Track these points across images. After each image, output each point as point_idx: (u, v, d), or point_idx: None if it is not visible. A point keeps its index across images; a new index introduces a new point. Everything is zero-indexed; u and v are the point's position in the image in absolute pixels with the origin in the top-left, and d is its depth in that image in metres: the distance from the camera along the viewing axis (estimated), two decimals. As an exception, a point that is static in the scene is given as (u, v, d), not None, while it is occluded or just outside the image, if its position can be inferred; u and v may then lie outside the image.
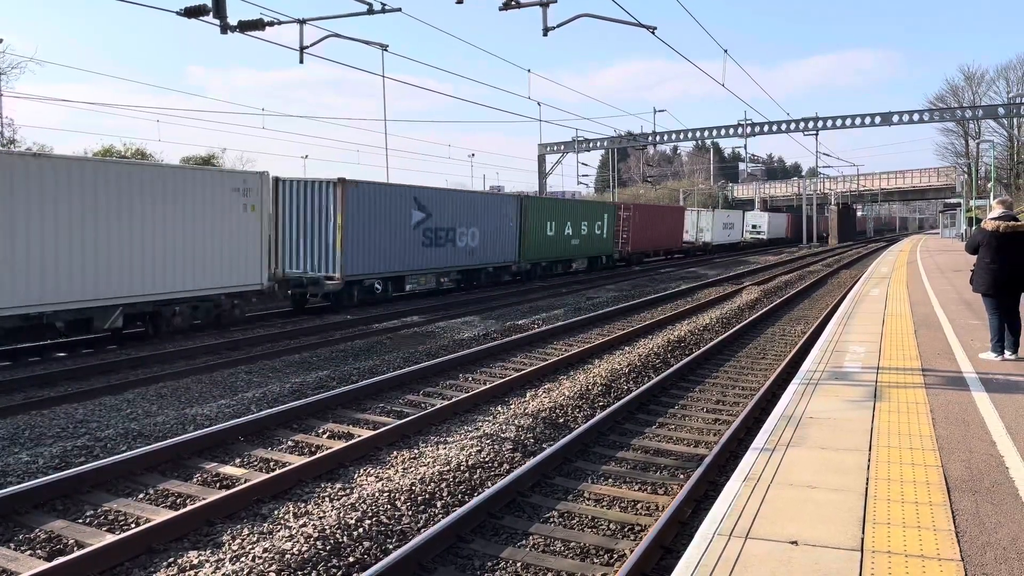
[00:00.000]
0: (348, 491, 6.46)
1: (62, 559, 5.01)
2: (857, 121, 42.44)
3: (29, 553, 5.35)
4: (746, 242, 59.71)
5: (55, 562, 4.97)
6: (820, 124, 42.94)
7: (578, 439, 7.57)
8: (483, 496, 5.97)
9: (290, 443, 7.90)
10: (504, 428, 8.04)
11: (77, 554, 5.05)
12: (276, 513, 6.00)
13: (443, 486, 6.41)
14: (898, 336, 10.75)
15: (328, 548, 5.16)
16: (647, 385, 9.88)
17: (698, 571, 3.76)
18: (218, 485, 6.73)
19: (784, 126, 43.52)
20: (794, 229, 67.96)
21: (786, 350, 13.13)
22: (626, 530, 5.75)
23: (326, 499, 6.30)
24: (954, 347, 9.76)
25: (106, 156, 29.36)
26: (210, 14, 11.67)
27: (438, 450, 7.46)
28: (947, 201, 67.12)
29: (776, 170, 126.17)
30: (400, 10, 13.93)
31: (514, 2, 14.54)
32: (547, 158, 49.68)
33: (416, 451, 7.54)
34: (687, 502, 6.05)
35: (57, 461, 7.08)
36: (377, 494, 6.08)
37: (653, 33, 15.92)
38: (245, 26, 12.85)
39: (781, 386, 9.38)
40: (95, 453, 7.34)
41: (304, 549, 5.09)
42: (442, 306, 20.03)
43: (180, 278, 14.17)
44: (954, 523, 4.26)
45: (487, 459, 7.11)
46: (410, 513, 5.87)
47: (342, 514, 5.67)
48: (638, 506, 6.20)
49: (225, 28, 12.21)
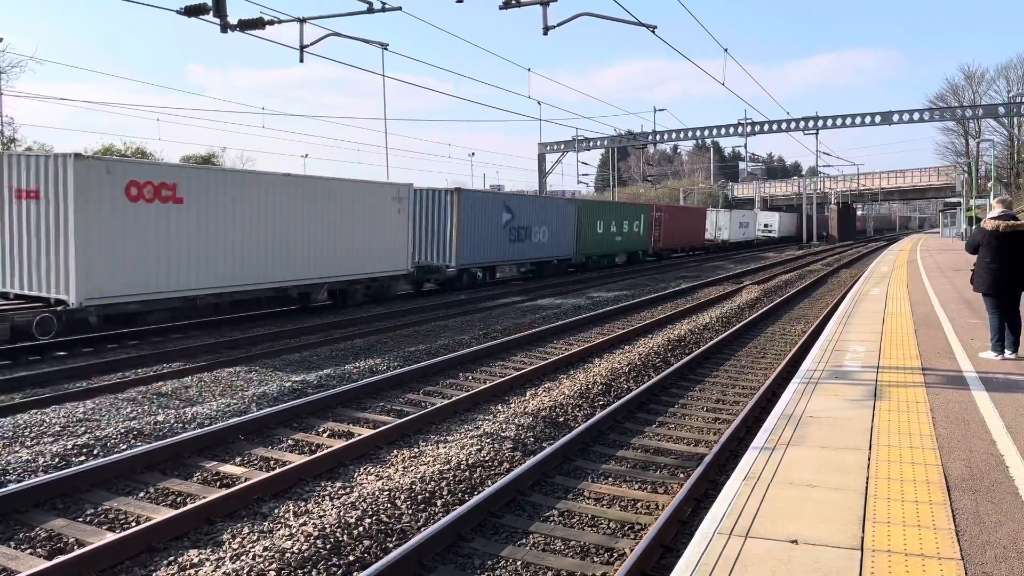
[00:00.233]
0: (348, 490, 6.46)
1: (62, 558, 5.02)
2: (857, 120, 42.43)
3: (29, 552, 5.35)
4: (759, 240, 63.02)
5: (55, 561, 4.97)
6: (820, 123, 42.95)
7: (578, 438, 7.58)
8: (483, 495, 5.98)
9: (290, 442, 7.90)
10: (504, 427, 8.04)
11: (77, 553, 5.05)
12: (276, 512, 6.01)
13: (443, 485, 6.41)
14: (898, 335, 10.75)
15: (328, 547, 5.16)
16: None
17: (698, 570, 3.76)
18: (218, 484, 6.73)
19: (784, 125, 43.51)
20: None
21: (786, 349, 13.13)
22: (626, 529, 5.75)
23: (326, 498, 6.30)
24: (954, 346, 9.76)
25: (106, 154, 29.44)
26: (210, 13, 11.68)
27: (438, 449, 7.46)
28: (947, 200, 67.18)
29: (776, 169, 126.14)
30: (400, 9, 13.93)
31: (514, 1, 14.50)
32: (547, 157, 49.69)
33: (416, 450, 7.55)
34: (687, 501, 6.05)
35: (57, 460, 7.08)
36: (377, 493, 6.08)
37: (653, 32, 15.90)
38: (245, 25, 12.85)
39: (781, 385, 9.38)
40: (95, 452, 7.34)
41: (304, 548, 5.10)
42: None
43: (359, 265, 18.79)
44: (954, 522, 4.26)
45: (487, 458, 7.12)
46: (410, 512, 5.87)
47: (342, 513, 5.68)
48: (638, 505, 6.20)
49: (225, 27, 12.21)
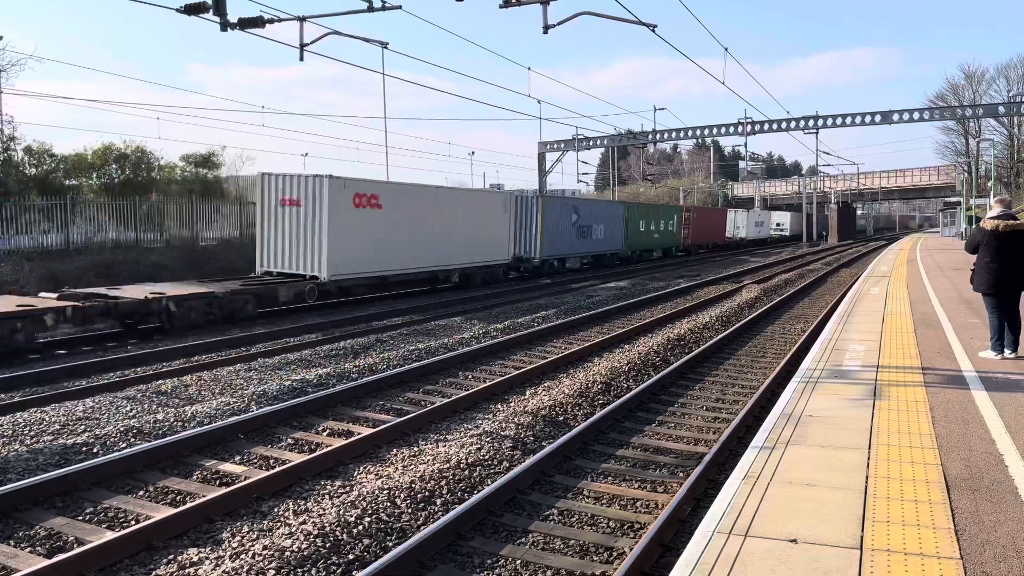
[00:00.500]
0: (348, 489, 6.46)
1: (62, 556, 5.02)
2: (857, 120, 42.33)
3: (29, 550, 5.35)
4: (772, 237, 69.25)
5: (55, 559, 4.98)
6: (820, 123, 42.86)
7: (578, 436, 7.59)
8: (483, 494, 5.98)
9: (290, 441, 7.90)
10: (502, 426, 8.04)
11: (77, 551, 5.06)
12: (276, 510, 6.01)
13: (443, 484, 6.41)
14: (898, 335, 10.76)
15: (328, 545, 5.17)
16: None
17: (697, 569, 3.76)
18: (218, 482, 6.73)
19: (784, 125, 43.47)
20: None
21: (786, 348, 13.13)
22: (625, 528, 5.75)
23: (326, 496, 6.30)
24: (954, 346, 9.76)
25: (106, 153, 29.53)
26: (210, 11, 11.66)
27: (438, 448, 7.47)
28: (947, 200, 67.23)
29: (776, 168, 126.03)
30: (400, 7, 13.93)
31: (514, 0, 14.51)
32: (547, 156, 49.63)
33: (416, 449, 7.55)
34: (687, 500, 6.05)
35: (57, 458, 7.09)
36: (377, 491, 6.08)
37: (653, 31, 15.89)
38: (245, 23, 12.84)
39: (781, 384, 9.37)
40: (95, 450, 7.34)
41: (304, 546, 5.10)
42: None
43: (479, 255, 24.32)
44: (953, 521, 4.27)
45: (488, 457, 7.12)
46: (410, 511, 5.88)
47: (342, 511, 5.68)
48: (637, 504, 6.20)
49: (225, 25, 12.20)
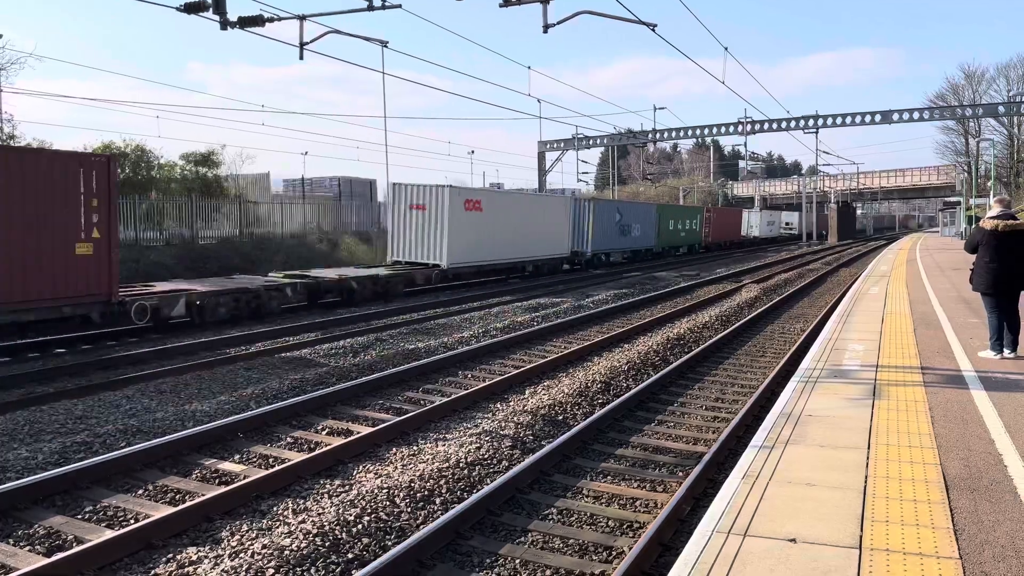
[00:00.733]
0: (347, 488, 6.46)
1: (61, 555, 5.02)
2: (857, 119, 42.41)
3: (28, 549, 5.35)
4: (782, 236, 73.55)
5: (54, 558, 4.98)
6: (820, 122, 42.93)
7: (577, 436, 7.59)
8: (482, 493, 5.98)
9: (289, 439, 7.90)
10: (502, 424, 8.04)
11: (76, 550, 5.06)
12: (275, 509, 6.01)
13: (442, 483, 6.41)
14: (897, 334, 10.76)
15: (327, 544, 5.16)
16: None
17: (696, 568, 3.76)
18: (217, 481, 6.73)
19: (784, 124, 43.48)
20: (818, 226, 78.57)
21: (785, 348, 13.13)
22: (625, 527, 5.75)
23: (325, 495, 6.30)
24: (953, 345, 9.76)
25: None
26: (210, 10, 11.66)
27: (437, 447, 7.46)
28: (947, 199, 67.21)
29: (776, 168, 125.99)
30: (400, 6, 13.91)
31: (514, -1, 14.48)
32: (547, 155, 49.68)
33: (415, 448, 7.55)
34: (686, 499, 6.05)
35: (56, 457, 7.08)
36: (376, 491, 6.08)
37: (653, 30, 15.88)
38: (245, 22, 12.84)
39: (780, 384, 9.37)
40: (94, 449, 7.34)
41: (303, 545, 5.10)
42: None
43: (546, 249, 29.14)
44: (952, 521, 4.27)
45: (487, 456, 7.12)
46: (409, 510, 5.88)
47: (341, 510, 5.68)
48: (637, 503, 6.20)
49: (225, 24, 12.19)
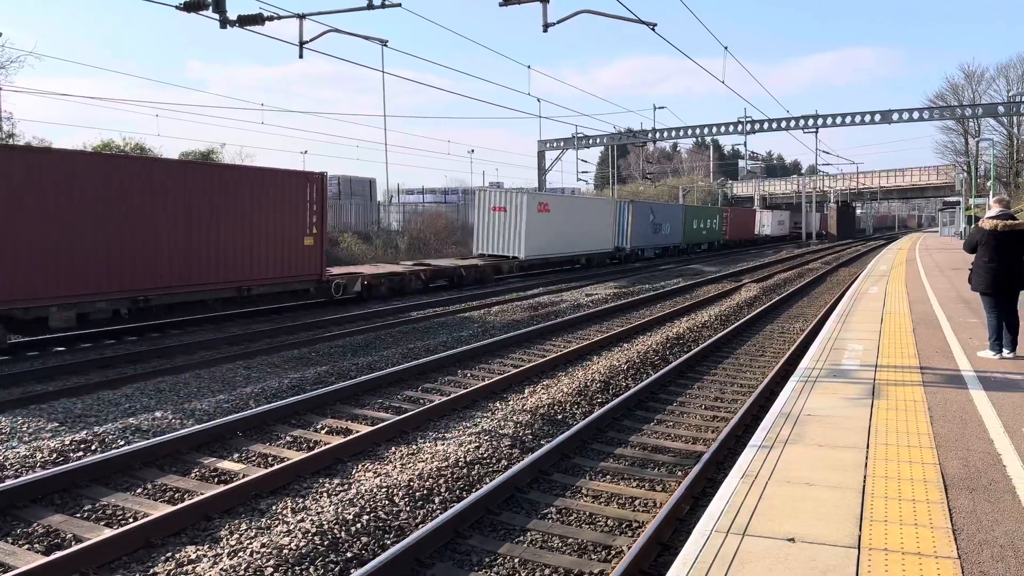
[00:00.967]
0: (346, 487, 6.46)
1: (60, 553, 5.02)
2: (857, 119, 42.35)
3: (27, 547, 5.35)
4: (790, 234, 77.15)
5: (53, 556, 4.98)
6: (820, 122, 42.89)
7: (577, 435, 7.59)
8: (481, 492, 5.98)
9: (288, 438, 7.90)
10: (500, 423, 8.04)
11: (75, 548, 5.05)
12: (274, 508, 6.01)
13: (441, 482, 6.41)
14: (896, 334, 10.76)
15: (326, 543, 5.17)
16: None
17: (695, 567, 3.76)
18: (216, 480, 6.73)
19: (784, 124, 43.46)
20: (824, 225, 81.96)
21: (784, 347, 13.13)
22: (624, 526, 5.75)
23: (324, 494, 6.30)
24: (952, 345, 9.77)
25: (105, 149, 29.61)
26: (209, 8, 11.65)
27: (436, 446, 7.46)
28: (946, 199, 67.21)
29: (776, 167, 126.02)
30: (400, 5, 13.89)
31: (514, -2, 14.46)
32: (547, 154, 49.65)
33: (414, 447, 7.55)
34: (685, 499, 6.05)
35: (55, 455, 7.08)
36: (375, 490, 6.08)
37: (653, 29, 15.89)
38: (244, 20, 12.82)
39: (779, 383, 9.38)
40: (93, 448, 7.34)
41: (302, 544, 5.10)
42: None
43: (596, 245, 34.11)
44: (951, 521, 4.27)
45: (486, 455, 7.12)
46: (408, 509, 5.88)
47: (340, 509, 5.68)
48: (636, 503, 6.20)
49: (224, 22, 12.17)
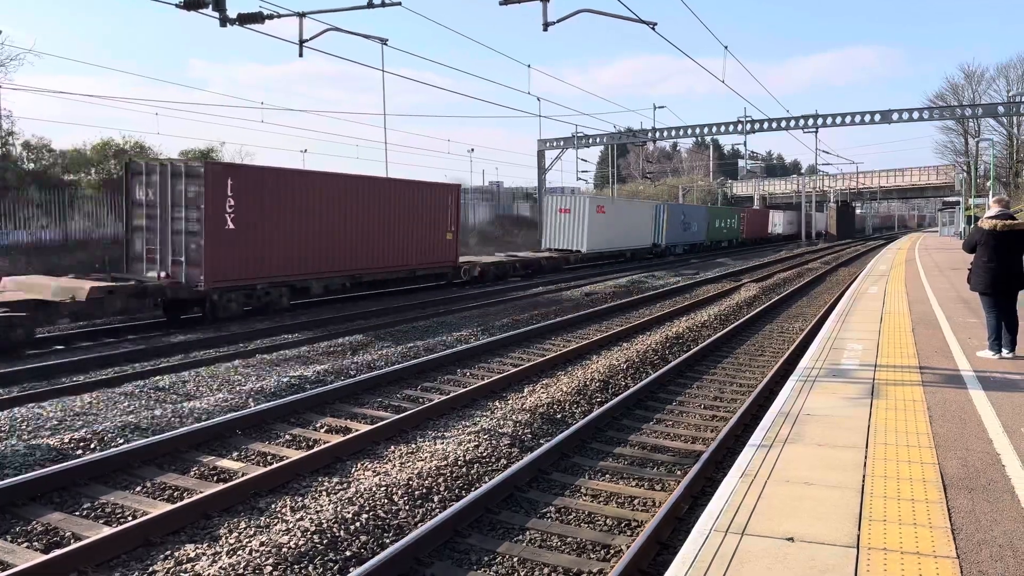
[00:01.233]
0: (345, 485, 6.46)
1: (59, 551, 5.01)
2: (857, 119, 42.35)
3: (26, 545, 5.35)
4: (799, 233, 79.46)
5: (52, 554, 4.97)
6: (820, 122, 42.90)
7: (576, 434, 7.59)
8: (480, 491, 5.98)
9: (287, 437, 7.90)
10: (500, 422, 8.04)
11: (74, 546, 5.05)
12: (273, 507, 6.01)
13: (440, 481, 6.41)
14: (896, 334, 10.77)
15: (325, 542, 5.17)
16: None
17: (695, 567, 3.76)
18: (215, 478, 6.73)
19: (784, 124, 43.47)
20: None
21: (784, 347, 13.13)
22: (623, 526, 5.76)
23: (323, 493, 6.30)
24: (952, 345, 9.77)
25: (104, 148, 29.59)
26: (209, 6, 11.65)
27: (435, 445, 7.46)
28: (946, 199, 67.23)
29: (776, 167, 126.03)
30: (400, 4, 13.92)
31: (514, -3, 14.48)
32: (546, 154, 49.65)
33: (414, 446, 7.55)
34: (684, 498, 6.06)
35: (54, 453, 7.08)
36: (374, 488, 6.08)
37: (653, 29, 15.91)
38: (244, 19, 12.84)
39: (779, 383, 9.38)
40: (92, 446, 7.34)
41: (301, 543, 5.10)
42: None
43: (638, 242, 39.78)
44: (950, 520, 4.27)
45: (485, 454, 7.12)
46: (407, 508, 5.88)
47: (339, 508, 5.68)
48: (635, 502, 6.20)
49: (224, 21, 12.19)
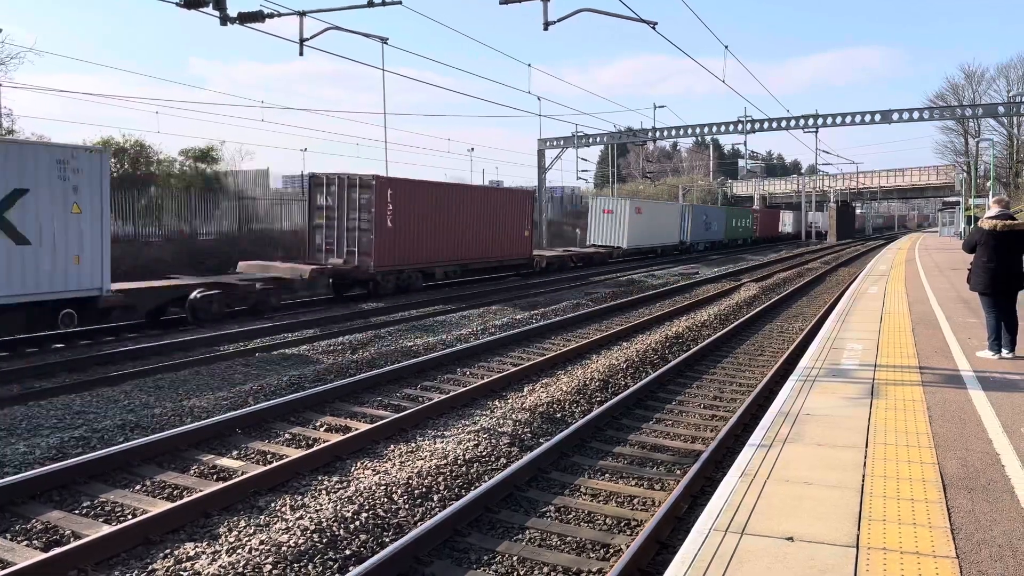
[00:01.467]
0: (345, 484, 6.46)
1: (58, 550, 5.02)
2: (857, 119, 42.26)
3: (26, 544, 5.35)
4: (807, 231, 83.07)
5: (51, 553, 4.97)
6: (820, 121, 42.83)
7: (575, 433, 7.59)
8: (480, 490, 5.98)
9: (287, 436, 7.90)
10: (499, 421, 8.03)
11: (74, 545, 5.06)
12: (273, 505, 6.01)
13: (440, 480, 6.41)
14: (896, 334, 10.77)
15: (324, 541, 5.17)
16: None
17: (694, 566, 3.76)
18: (215, 477, 6.73)
19: (784, 123, 43.44)
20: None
21: (784, 347, 13.13)
22: (622, 525, 5.76)
23: (323, 492, 6.30)
24: (951, 345, 9.77)
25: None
26: (209, 5, 11.65)
27: (435, 444, 7.46)
28: (946, 199, 67.24)
29: (776, 167, 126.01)
30: (400, 3, 13.91)
31: (515, -4, 14.49)
32: (546, 153, 49.62)
33: (413, 445, 7.55)
34: (683, 497, 6.06)
35: (54, 452, 7.08)
36: (374, 487, 6.08)
37: (654, 28, 15.91)
38: (245, 18, 12.84)
39: (778, 383, 9.38)
40: (92, 444, 7.34)
41: (300, 542, 5.10)
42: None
43: (667, 240, 44.04)
44: (950, 520, 4.27)
45: (485, 453, 7.12)
46: (407, 507, 5.88)
47: (339, 507, 5.68)
48: (635, 501, 6.21)
49: (225, 19, 12.19)
